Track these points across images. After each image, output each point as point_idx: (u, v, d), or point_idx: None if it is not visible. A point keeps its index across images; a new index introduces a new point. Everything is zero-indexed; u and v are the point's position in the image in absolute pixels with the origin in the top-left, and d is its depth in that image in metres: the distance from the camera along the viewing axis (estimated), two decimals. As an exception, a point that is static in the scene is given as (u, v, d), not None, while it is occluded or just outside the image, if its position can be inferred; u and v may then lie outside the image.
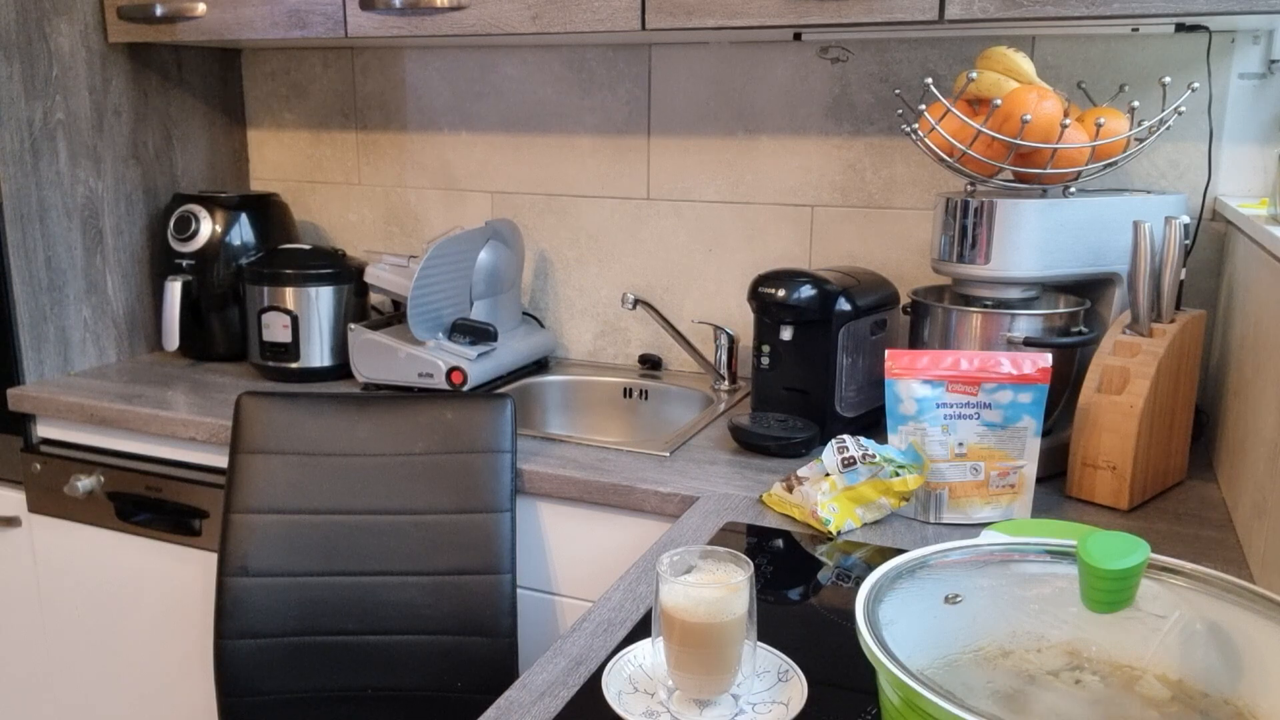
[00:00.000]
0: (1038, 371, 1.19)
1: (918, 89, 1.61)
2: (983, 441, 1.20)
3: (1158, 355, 1.23)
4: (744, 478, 1.38)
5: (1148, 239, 1.23)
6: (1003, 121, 1.28)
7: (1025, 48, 1.53)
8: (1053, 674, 0.72)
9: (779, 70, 1.77)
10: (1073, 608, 0.71)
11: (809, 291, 1.48)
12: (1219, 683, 0.68)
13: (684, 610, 0.79)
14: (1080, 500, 1.28)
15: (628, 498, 1.36)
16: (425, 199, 2.09)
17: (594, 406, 1.89)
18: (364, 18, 1.65)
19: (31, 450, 1.80)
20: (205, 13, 1.77)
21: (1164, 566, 0.72)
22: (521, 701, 0.85)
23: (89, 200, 1.89)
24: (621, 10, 1.49)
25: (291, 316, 1.83)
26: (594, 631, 0.96)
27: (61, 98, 1.82)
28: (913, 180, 1.71)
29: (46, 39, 1.78)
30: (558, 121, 1.95)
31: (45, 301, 1.82)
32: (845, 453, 1.20)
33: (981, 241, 1.32)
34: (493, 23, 1.57)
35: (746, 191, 1.83)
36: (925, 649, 0.70)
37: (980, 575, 0.76)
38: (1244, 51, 1.50)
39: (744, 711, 0.81)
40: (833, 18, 1.38)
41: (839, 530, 1.18)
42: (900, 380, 1.21)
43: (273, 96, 2.20)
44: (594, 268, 1.98)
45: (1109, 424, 1.24)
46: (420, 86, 2.05)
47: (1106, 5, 1.25)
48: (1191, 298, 1.51)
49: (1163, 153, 1.56)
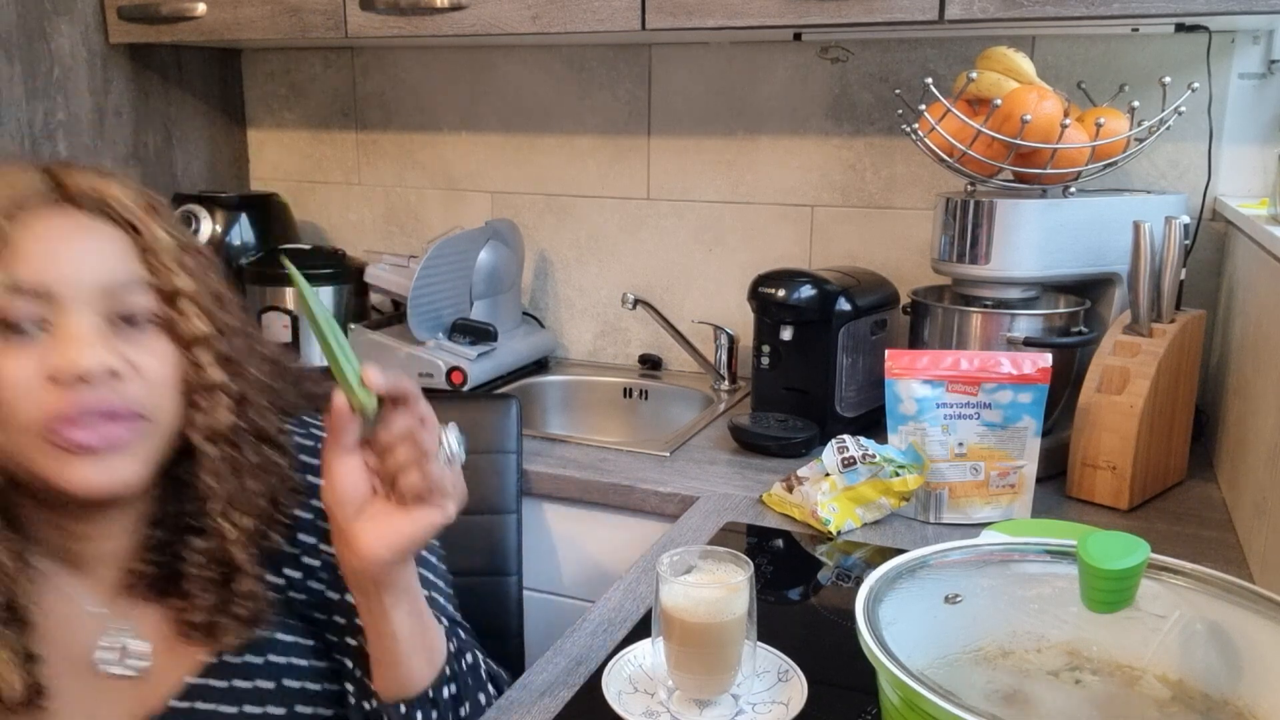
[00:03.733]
0: (1038, 371, 1.19)
1: (918, 89, 1.61)
2: (983, 441, 1.20)
3: (1158, 355, 1.23)
4: (744, 478, 1.38)
5: (1148, 239, 1.23)
6: (1003, 121, 1.28)
7: (1025, 48, 1.53)
8: (1053, 674, 0.73)
9: (779, 70, 1.77)
10: (1073, 608, 0.71)
11: (809, 291, 1.48)
12: (1219, 683, 0.68)
13: (684, 610, 0.79)
14: (1080, 500, 1.28)
15: (628, 498, 1.36)
16: (425, 199, 2.09)
17: (594, 406, 1.89)
18: (364, 18, 1.65)
19: (32, 450, 1.80)
20: (205, 13, 1.77)
21: (1164, 566, 0.72)
22: (521, 701, 0.85)
23: (89, 200, 1.89)
24: (621, 10, 1.49)
25: (291, 316, 1.83)
26: (594, 631, 0.96)
27: (62, 98, 1.82)
28: (913, 180, 1.71)
29: (47, 39, 1.79)
30: (558, 121, 1.95)
31: (45, 301, 1.82)
32: (845, 453, 1.20)
33: (981, 241, 1.32)
34: (493, 23, 1.57)
35: (746, 191, 1.83)
36: (925, 649, 0.70)
37: (980, 575, 0.76)
38: (1244, 51, 1.50)
39: (744, 711, 0.81)
40: (833, 18, 1.38)
41: (839, 530, 1.18)
42: (900, 380, 1.21)
43: (273, 96, 2.20)
44: (594, 268, 1.98)
45: (1109, 424, 1.24)
46: (420, 86, 2.05)
47: (1106, 5, 1.25)
48: (1191, 298, 1.51)
49: (1163, 153, 1.56)
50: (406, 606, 0.74)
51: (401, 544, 0.70)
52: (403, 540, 0.70)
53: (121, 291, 0.73)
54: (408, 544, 0.70)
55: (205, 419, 0.76)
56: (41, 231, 0.72)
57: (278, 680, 0.82)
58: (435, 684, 0.77)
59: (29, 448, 0.70)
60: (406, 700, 0.76)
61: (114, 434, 0.71)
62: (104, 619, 0.78)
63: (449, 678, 0.78)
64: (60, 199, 0.74)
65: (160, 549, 0.79)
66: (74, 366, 0.69)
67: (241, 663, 0.80)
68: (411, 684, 0.76)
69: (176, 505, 0.79)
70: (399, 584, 0.73)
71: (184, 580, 0.78)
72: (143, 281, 0.74)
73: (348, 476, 0.69)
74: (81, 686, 0.76)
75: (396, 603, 0.73)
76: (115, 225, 0.75)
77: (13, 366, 0.69)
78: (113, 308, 0.72)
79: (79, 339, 0.70)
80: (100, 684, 0.77)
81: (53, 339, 0.70)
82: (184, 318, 0.75)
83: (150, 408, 0.73)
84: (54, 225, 0.73)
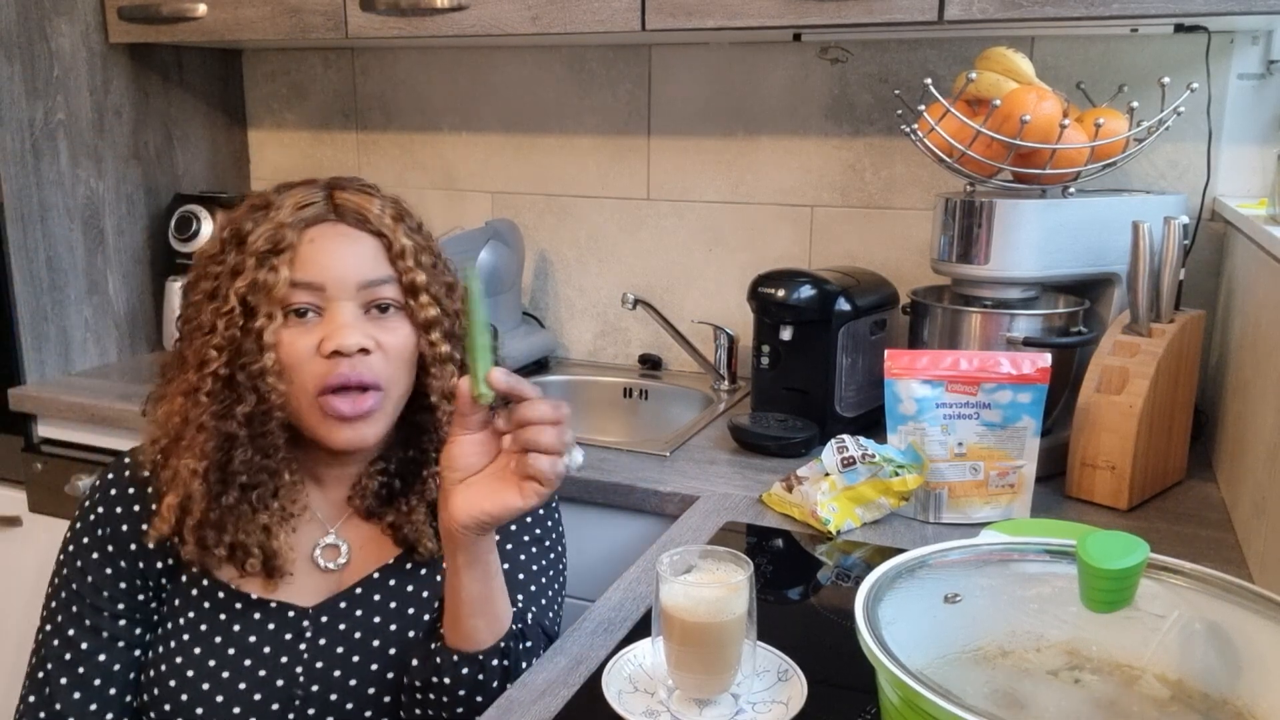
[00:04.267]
0: (1037, 371, 1.19)
1: (917, 89, 1.61)
2: (982, 441, 1.21)
3: (1157, 355, 1.23)
4: (744, 477, 1.38)
5: (1147, 239, 1.23)
6: (1002, 122, 1.28)
7: (1024, 48, 1.53)
8: (1052, 673, 0.73)
9: (779, 70, 1.77)
10: (1072, 607, 0.71)
11: (809, 291, 1.48)
12: (1218, 682, 0.69)
13: (684, 610, 0.79)
14: (1080, 500, 1.28)
15: (628, 497, 1.36)
16: (425, 199, 2.09)
17: (594, 406, 1.90)
18: (364, 18, 1.65)
19: (32, 450, 1.80)
20: (206, 13, 1.77)
21: (1163, 566, 0.72)
22: (521, 701, 0.85)
23: (90, 200, 1.89)
24: (621, 10, 1.49)
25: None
26: (594, 631, 0.96)
27: (62, 98, 1.82)
28: (913, 180, 1.72)
29: (47, 39, 1.79)
30: (558, 121, 1.95)
31: (46, 301, 1.82)
32: (845, 452, 1.20)
33: (981, 242, 1.32)
34: (493, 23, 1.57)
35: (746, 191, 1.83)
36: (925, 648, 0.70)
37: (980, 575, 0.77)
38: (1243, 52, 1.50)
39: (744, 711, 0.81)
40: (832, 18, 1.38)
41: (839, 530, 1.18)
42: (900, 380, 1.21)
43: (273, 97, 2.20)
44: (594, 268, 1.98)
45: (1108, 424, 1.24)
46: (420, 86, 2.05)
47: (1106, 6, 1.25)
48: (1191, 298, 1.51)
49: (1162, 153, 1.56)
50: (478, 573, 0.86)
51: (478, 515, 0.82)
52: (481, 512, 0.82)
53: (374, 287, 0.95)
54: (484, 516, 0.82)
55: (438, 383, 0.98)
56: (317, 239, 0.94)
57: (432, 591, 1.01)
58: (488, 652, 0.89)
59: (307, 407, 0.93)
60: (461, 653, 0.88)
61: (364, 405, 0.93)
62: (325, 524, 1.01)
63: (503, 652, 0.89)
64: (333, 215, 0.96)
65: (386, 475, 1.01)
66: (337, 343, 0.91)
67: (411, 567, 1.01)
68: (468, 641, 0.88)
69: (412, 447, 1.02)
70: (473, 550, 0.85)
71: (402, 500, 1.00)
72: (390, 279, 0.96)
73: (461, 448, 0.83)
74: (301, 569, 0.99)
75: (469, 565, 0.85)
76: (370, 234, 0.96)
77: (297, 341, 0.92)
78: (367, 299, 0.95)
79: (343, 324, 0.92)
80: (312, 570, 1.00)
81: (324, 323, 0.93)
82: (420, 306, 0.97)
83: (388, 379, 0.95)
84: (326, 234, 0.95)
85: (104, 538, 0.98)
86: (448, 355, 0.98)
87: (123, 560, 0.97)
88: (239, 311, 0.92)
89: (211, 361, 0.92)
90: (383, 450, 1.01)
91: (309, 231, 0.94)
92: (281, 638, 0.96)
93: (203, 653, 0.95)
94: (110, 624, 0.97)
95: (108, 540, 0.97)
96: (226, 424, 0.92)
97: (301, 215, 0.94)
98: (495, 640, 0.89)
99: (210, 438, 0.91)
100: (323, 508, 1.02)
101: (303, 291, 0.92)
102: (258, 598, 0.97)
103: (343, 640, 0.97)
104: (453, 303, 1.00)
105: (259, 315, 0.91)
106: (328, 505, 1.02)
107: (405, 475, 1.01)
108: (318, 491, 1.02)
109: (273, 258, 0.92)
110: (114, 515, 0.98)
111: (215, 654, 0.95)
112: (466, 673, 0.88)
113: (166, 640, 0.96)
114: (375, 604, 0.99)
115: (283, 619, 0.97)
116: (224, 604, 0.97)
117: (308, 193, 0.97)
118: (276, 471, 0.95)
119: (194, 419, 0.92)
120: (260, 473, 0.94)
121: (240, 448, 0.93)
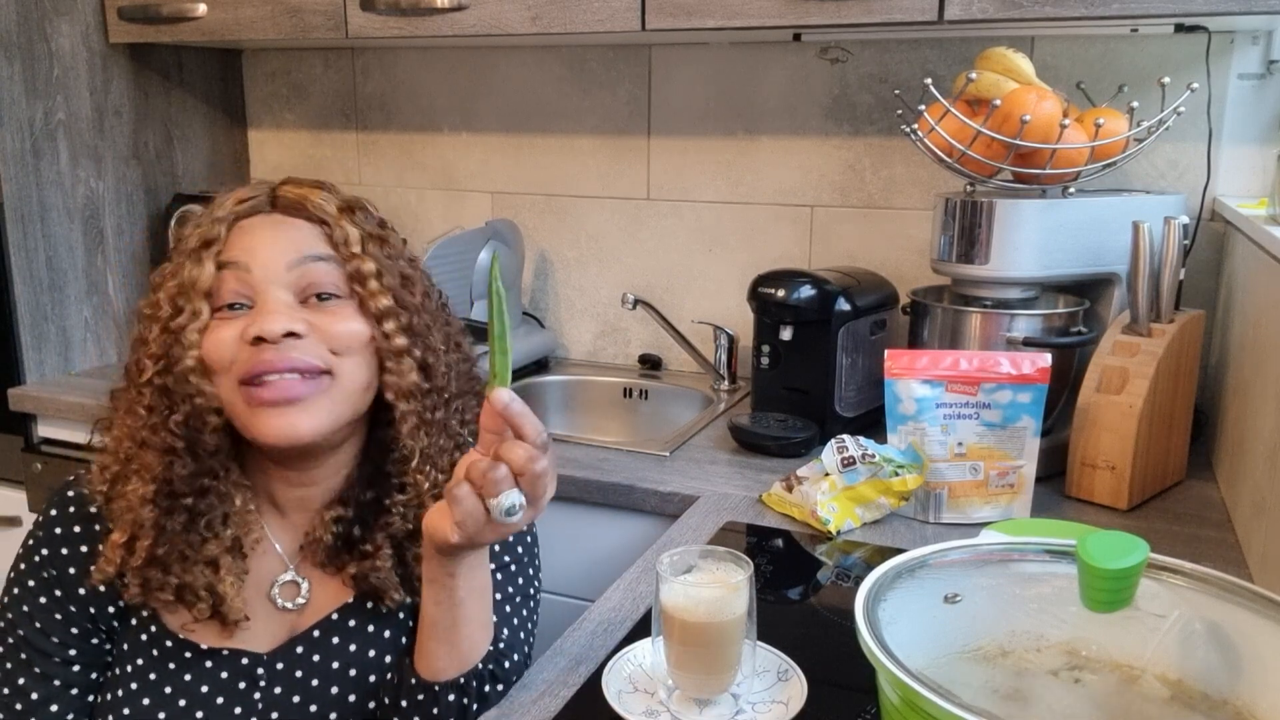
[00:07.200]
0: (1037, 371, 1.19)
1: (917, 89, 1.61)
2: (982, 441, 1.21)
3: (1157, 355, 1.23)
4: (744, 477, 1.38)
5: (1147, 239, 1.23)
6: (1002, 122, 1.28)
7: (1024, 48, 1.53)
8: (1052, 673, 0.73)
9: (779, 71, 1.77)
10: (1072, 607, 0.71)
11: (809, 291, 1.48)
12: (1218, 682, 0.69)
13: (684, 610, 0.79)
14: (1079, 500, 1.28)
15: (628, 497, 1.36)
16: (425, 199, 2.09)
17: (594, 406, 1.90)
18: (364, 18, 1.66)
19: (32, 450, 1.80)
20: (206, 13, 1.77)
21: (1163, 566, 0.72)
22: (521, 701, 0.85)
23: (90, 200, 1.89)
24: (621, 10, 1.49)
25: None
26: (594, 631, 0.96)
27: (62, 98, 1.82)
28: (912, 180, 1.72)
29: (47, 39, 1.79)
30: (558, 121, 1.95)
31: (46, 301, 1.83)
32: (845, 452, 1.20)
33: (981, 242, 1.32)
34: (493, 23, 1.57)
35: (746, 191, 1.83)
36: (925, 648, 0.70)
37: (979, 575, 0.77)
38: (1243, 52, 1.50)
39: (744, 711, 0.81)
40: (832, 18, 1.38)
41: (838, 530, 1.18)
42: (900, 380, 1.21)
43: (273, 97, 2.20)
44: (594, 268, 1.98)
45: (1108, 424, 1.24)
46: (420, 86, 2.05)
47: (1105, 5, 1.25)
48: (1191, 298, 1.51)
49: (1162, 153, 1.56)
50: (440, 594, 0.82)
51: (430, 529, 0.79)
52: (432, 526, 0.79)
53: (306, 265, 0.88)
54: (434, 532, 0.79)
55: (396, 380, 0.90)
56: (248, 229, 0.89)
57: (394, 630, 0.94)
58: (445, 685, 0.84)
59: (234, 402, 0.86)
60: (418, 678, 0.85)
61: (292, 389, 0.85)
62: (284, 559, 0.94)
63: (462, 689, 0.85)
64: (270, 207, 0.91)
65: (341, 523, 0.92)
66: (259, 328, 0.84)
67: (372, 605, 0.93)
68: (426, 668, 0.85)
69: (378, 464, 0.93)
70: (433, 567, 0.82)
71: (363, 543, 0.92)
72: (327, 258, 0.89)
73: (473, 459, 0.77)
74: (257, 611, 0.92)
75: (429, 582, 0.83)
76: (309, 221, 0.90)
77: (223, 331, 0.86)
78: (302, 283, 0.88)
79: (269, 311, 0.85)
80: (269, 610, 0.93)
81: (253, 312, 0.86)
82: (370, 294, 0.89)
83: (332, 362, 0.87)
84: (259, 223, 0.90)
85: (50, 580, 0.91)
86: (404, 348, 0.90)
87: (72, 605, 0.91)
88: (168, 315, 0.87)
89: (146, 371, 0.87)
90: (342, 492, 0.94)
91: (242, 223, 0.90)
92: (235, 686, 0.90)
93: (151, 704, 0.89)
94: (62, 670, 0.91)
95: (54, 584, 0.91)
96: (163, 436, 0.87)
97: (237, 210, 0.90)
98: (457, 674, 0.84)
99: (153, 454, 0.87)
100: (283, 539, 0.94)
101: (230, 279, 0.86)
102: (208, 647, 0.90)
103: (299, 688, 0.91)
104: (414, 297, 0.93)
105: (184, 314, 0.86)
106: (288, 537, 0.95)
107: (365, 519, 0.93)
108: (277, 520, 0.95)
109: (202, 252, 0.87)
110: (59, 556, 0.91)
111: (165, 705, 0.89)
112: (422, 699, 0.85)
113: (114, 687, 0.91)
114: (334, 647, 0.92)
115: (236, 667, 0.91)
116: (173, 652, 0.90)
117: (253, 189, 0.92)
118: (227, 495, 0.89)
119: (137, 436, 0.88)
120: (207, 494, 0.88)
121: (179, 459, 0.87)
